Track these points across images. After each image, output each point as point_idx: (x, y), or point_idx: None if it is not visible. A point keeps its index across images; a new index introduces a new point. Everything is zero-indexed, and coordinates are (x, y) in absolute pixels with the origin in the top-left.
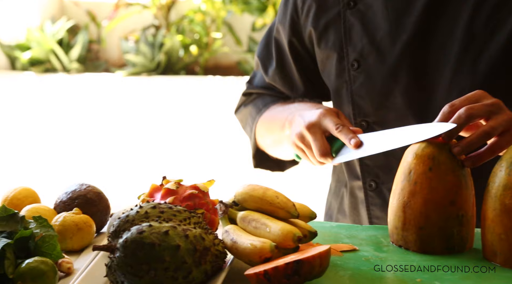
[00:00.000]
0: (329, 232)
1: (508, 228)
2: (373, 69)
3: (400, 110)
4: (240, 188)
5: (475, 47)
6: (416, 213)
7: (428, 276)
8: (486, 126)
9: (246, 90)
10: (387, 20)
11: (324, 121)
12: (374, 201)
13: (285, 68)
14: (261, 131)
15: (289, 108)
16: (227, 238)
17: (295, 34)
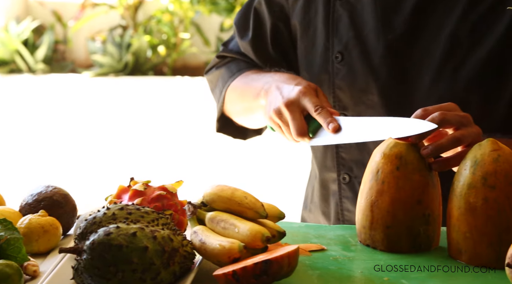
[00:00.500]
0: (298, 232)
1: (472, 226)
2: (356, 63)
3: (376, 109)
4: (208, 189)
5: (457, 56)
6: (383, 212)
7: (395, 274)
8: (457, 133)
9: (220, 53)
10: (374, 16)
11: (303, 101)
12: (346, 194)
13: (261, 42)
14: (232, 97)
15: (265, 77)
16: (195, 239)
17: (281, 18)
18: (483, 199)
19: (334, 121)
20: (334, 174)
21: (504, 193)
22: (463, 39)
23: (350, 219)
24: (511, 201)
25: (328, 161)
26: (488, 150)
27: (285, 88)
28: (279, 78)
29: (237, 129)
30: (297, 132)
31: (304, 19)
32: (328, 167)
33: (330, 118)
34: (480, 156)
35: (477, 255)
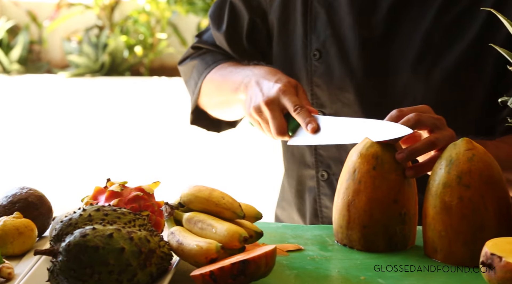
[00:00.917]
0: (275, 232)
1: (448, 225)
2: (333, 61)
3: (352, 107)
4: (185, 189)
5: (432, 57)
6: (360, 211)
7: (371, 274)
8: (432, 137)
9: (195, 44)
10: (351, 15)
11: (283, 99)
12: (324, 191)
13: (236, 35)
14: (209, 90)
15: (244, 71)
16: (172, 240)
17: (258, 13)
18: (458, 198)
19: (312, 121)
20: (312, 170)
21: (478, 192)
22: (437, 40)
23: (328, 215)
24: (485, 200)
25: (307, 158)
26: (463, 149)
27: (265, 84)
28: (259, 72)
29: (211, 122)
30: (276, 131)
31: (282, 16)
32: (307, 164)
33: (309, 119)
34: (455, 155)
35: (452, 253)
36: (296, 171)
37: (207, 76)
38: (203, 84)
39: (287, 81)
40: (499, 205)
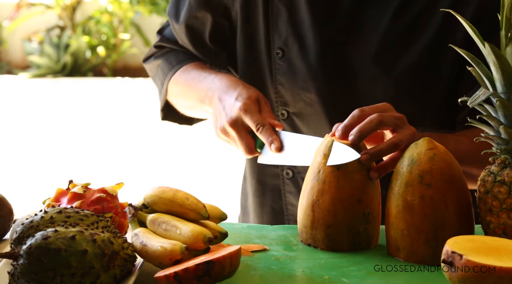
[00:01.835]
0: (240, 232)
1: (410, 223)
2: (295, 61)
3: (314, 107)
4: (149, 190)
5: (389, 58)
6: (324, 211)
7: (336, 273)
8: (395, 139)
9: (158, 43)
10: (311, 14)
11: (245, 119)
12: (290, 189)
13: (196, 33)
14: (175, 92)
15: (206, 81)
16: (136, 241)
17: (219, 11)
18: (419, 197)
19: (275, 140)
20: (276, 169)
21: (439, 191)
22: (396, 40)
23: (294, 213)
24: (446, 199)
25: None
26: (424, 149)
27: (227, 102)
28: (220, 85)
29: (182, 116)
30: (245, 151)
31: (244, 13)
32: None
33: (271, 138)
34: (417, 155)
35: (414, 252)
36: (259, 168)
37: (172, 78)
38: (169, 85)
39: (248, 97)
40: (459, 204)
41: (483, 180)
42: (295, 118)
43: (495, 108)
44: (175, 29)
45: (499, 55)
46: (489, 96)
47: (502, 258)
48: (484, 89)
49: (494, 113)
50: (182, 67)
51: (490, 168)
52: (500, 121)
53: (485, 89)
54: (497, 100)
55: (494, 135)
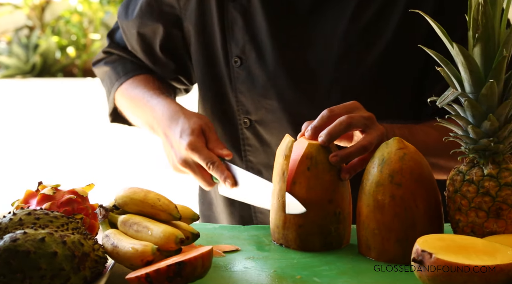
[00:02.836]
0: (212, 233)
1: (381, 223)
2: (253, 68)
3: (276, 113)
4: (120, 191)
5: (351, 60)
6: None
7: (307, 272)
8: (364, 141)
9: (106, 48)
10: (266, 20)
11: (194, 158)
12: None
13: (146, 43)
14: (122, 104)
15: (151, 104)
16: (107, 243)
17: (170, 21)
18: (390, 197)
19: (228, 178)
20: None
21: (409, 190)
22: (355, 43)
23: (263, 221)
24: (416, 198)
25: (237, 164)
26: (395, 148)
27: (173, 140)
28: (162, 116)
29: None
30: (204, 185)
31: (199, 22)
32: None
33: (224, 176)
34: (387, 155)
35: (385, 251)
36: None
37: (118, 89)
38: (116, 96)
39: (191, 132)
40: (429, 203)
41: (452, 179)
42: (258, 126)
43: (464, 108)
44: (126, 35)
45: (467, 56)
46: (457, 96)
47: (471, 256)
48: (453, 89)
49: (462, 113)
50: (129, 79)
51: (459, 167)
52: (469, 121)
53: (454, 89)
54: (465, 100)
55: (463, 135)
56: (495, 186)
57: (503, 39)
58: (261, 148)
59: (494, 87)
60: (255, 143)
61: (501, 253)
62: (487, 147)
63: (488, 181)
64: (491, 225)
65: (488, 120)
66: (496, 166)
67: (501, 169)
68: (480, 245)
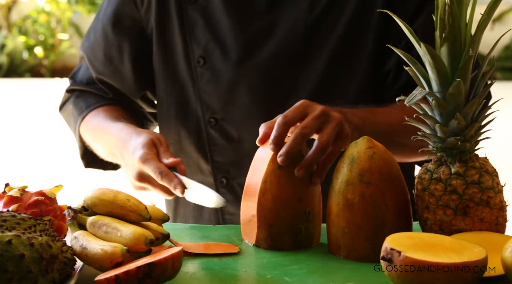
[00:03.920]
0: (182, 233)
1: (350, 221)
2: (218, 65)
3: (246, 106)
4: (89, 192)
5: (312, 48)
6: (266, 210)
7: (278, 272)
8: (320, 144)
9: (69, 87)
10: (227, 16)
11: (146, 170)
12: (226, 197)
13: (114, 62)
14: (87, 137)
15: (109, 132)
16: (76, 244)
17: (133, 33)
18: (359, 195)
19: (177, 185)
20: (210, 178)
21: (379, 189)
22: (312, 32)
23: (232, 222)
24: (385, 196)
25: (203, 166)
26: (364, 147)
27: (128, 159)
28: (117, 141)
29: (105, 163)
30: (165, 196)
31: (159, 28)
32: (203, 172)
33: (173, 184)
34: (357, 154)
35: (355, 249)
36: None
37: (81, 123)
38: (81, 131)
39: (142, 146)
40: (398, 201)
41: (420, 177)
42: (225, 124)
43: (431, 107)
44: (92, 62)
45: (434, 55)
46: (425, 96)
47: (439, 254)
48: (421, 88)
49: (430, 112)
50: (91, 112)
51: (427, 165)
52: (436, 120)
53: (422, 89)
54: (433, 100)
55: (430, 134)
56: (462, 184)
57: (469, 39)
58: (229, 146)
59: (461, 87)
60: (222, 142)
61: (468, 250)
62: (454, 145)
63: (455, 179)
64: (459, 222)
65: (455, 119)
66: (463, 164)
67: (467, 167)
68: (448, 242)
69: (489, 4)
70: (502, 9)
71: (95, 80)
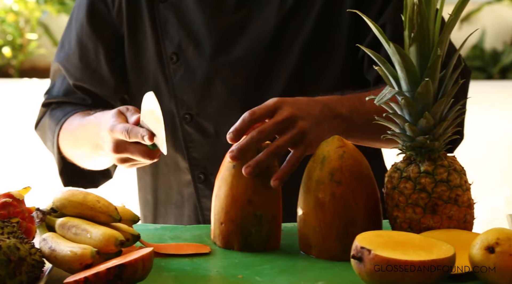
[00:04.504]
0: (153, 234)
1: (321, 220)
2: (192, 61)
3: (222, 101)
4: (58, 194)
5: (284, 42)
6: (218, 208)
7: (249, 271)
8: (272, 148)
9: (45, 101)
10: (201, 13)
11: (116, 136)
12: (204, 193)
13: (92, 65)
14: (67, 146)
15: (90, 123)
16: (45, 247)
17: (108, 33)
18: (330, 194)
19: (144, 132)
20: (188, 175)
21: (349, 188)
22: (283, 28)
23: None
24: (356, 195)
25: (180, 163)
26: (334, 146)
27: (104, 136)
28: (95, 126)
29: (85, 179)
30: (144, 159)
31: (131, 27)
32: (181, 169)
33: (140, 135)
34: (327, 153)
35: (325, 248)
36: (173, 179)
37: (60, 133)
38: (60, 141)
39: (111, 117)
40: (368, 200)
41: (390, 176)
42: (201, 119)
43: (401, 107)
44: (68, 71)
45: (403, 55)
46: (394, 95)
47: (408, 252)
48: (390, 88)
49: (399, 111)
50: (68, 119)
51: (397, 164)
52: (405, 119)
53: (391, 88)
54: (402, 99)
55: (400, 133)
56: (431, 182)
57: (437, 38)
58: (205, 141)
59: (429, 86)
60: (198, 137)
61: (437, 248)
62: (423, 144)
63: (424, 178)
64: (428, 220)
65: (424, 118)
66: (432, 163)
67: (436, 166)
68: (417, 240)
69: (456, 4)
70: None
71: (73, 89)
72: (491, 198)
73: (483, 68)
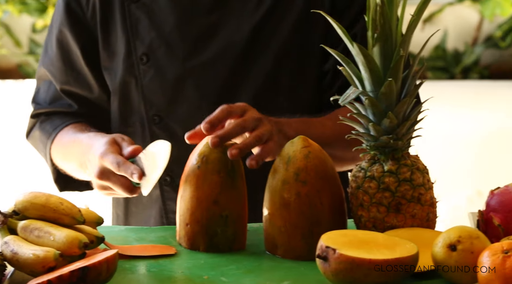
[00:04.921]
0: (118, 235)
1: (287, 220)
2: (163, 62)
3: (192, 102)
4: (20, 196)
5: (260, 46)
6: (184, 209)
7: (215, 272)
8: (258, 132)
9: (34, 112)
10: (173, 14)
11: (106, 165)
12: (170, 196)
13: (76, 67)
14: (58, 159)
15: (83, 142)
16: (6, 250)
17: (84, 35)
18: (296, 194)
19: (134, 170)
20: None
21: (314, 188)
22: (258, 32)
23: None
24: (321, 195)
25: None
26: (300, 146)
27: (92, 160)
28: (86, 147)
29: (80, 183)
30: (125, 193)
31: (104, 29)
32: None
33: (130, 171)
34: (293, 153)
35: (291, 248)
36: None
37: (52, 146)
38: (52, 154)
39: (103, 144)
40: (333, 200)
41: (354, 175)
42: (170, 122)
43: (365, 106)
44: (54, 75)
45: (367, 55)
46: (358, 95)
47: (372, 251)
48: (354, 88)
49: (363, 111)
50: (59, 132)
51: (361, 163)
52: (369, 119)
53: (355, 88)
54: (366, 99)
55: (364, 133)
56: (394, 181)
57: (400, 39)
58: (173, 143)
59: (392, 86)
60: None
61: (400, 247)
62: (387, 143)
63: (388, 177)
64: (391, 219)
65: (387, 118)
66: (396, 162)
67: (400, 165)
68: (381, 239)
69: (418, 5)
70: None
71: (60, 94)
72: (454, 197)
73: (445, 68)
